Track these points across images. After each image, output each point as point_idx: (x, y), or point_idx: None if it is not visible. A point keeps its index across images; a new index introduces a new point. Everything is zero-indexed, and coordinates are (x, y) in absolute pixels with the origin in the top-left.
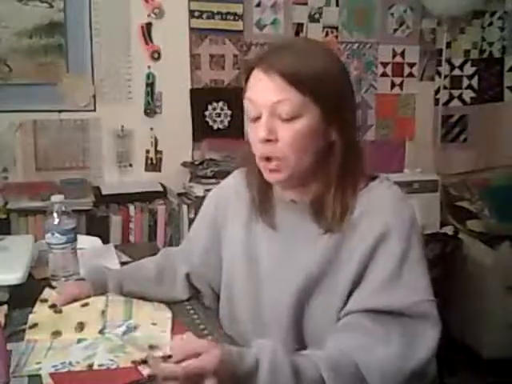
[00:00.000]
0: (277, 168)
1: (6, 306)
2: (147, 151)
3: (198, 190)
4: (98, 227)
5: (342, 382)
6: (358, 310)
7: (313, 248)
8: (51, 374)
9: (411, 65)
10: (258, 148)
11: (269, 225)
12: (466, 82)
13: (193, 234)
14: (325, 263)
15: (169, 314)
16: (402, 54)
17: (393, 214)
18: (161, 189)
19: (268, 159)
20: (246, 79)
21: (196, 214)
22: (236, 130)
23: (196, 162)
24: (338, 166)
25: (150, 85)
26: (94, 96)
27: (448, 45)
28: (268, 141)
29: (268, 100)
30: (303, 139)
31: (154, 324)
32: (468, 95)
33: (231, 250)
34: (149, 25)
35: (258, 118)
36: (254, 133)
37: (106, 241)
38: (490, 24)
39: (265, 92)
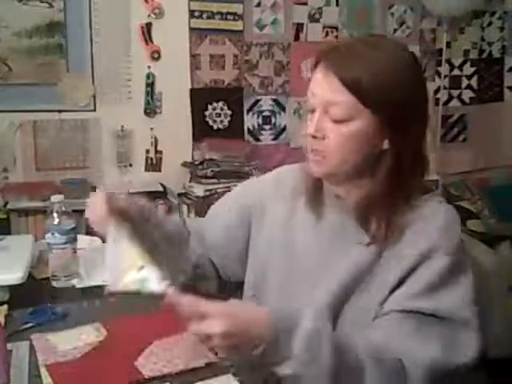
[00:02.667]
0: (320, 161)
1: (6, 306)
2: (147, 151)
3: (198, 190)
4: None
5: (383, 371)
6: (398, 310)
7: (350, 255)
8: (47, 366)
9: None
10: (306, 139)
11: (315, 216)
12: (465, 82)
13: (216, 213)
14: (361, 272)
15: None
16: None
17: (444, 231)
18: (161, 189)
19: (313, 151)
20: (315, 67)
21: (196, 213)
22: (236, 130)
23: (196, 162)
24: (387, 176)
25: (150, 85)
26: (94, 96)
27: (448, 45)
28: (314, 137)
29: (322, 98)
30: (350, 142)
31: None
32: (467, 95)
33: (269, 236)
34: (149, 25)
35: (313, 111)
36: (307, 125)
37: (106, 241)
38: (490, 24)
39: (321, 89)
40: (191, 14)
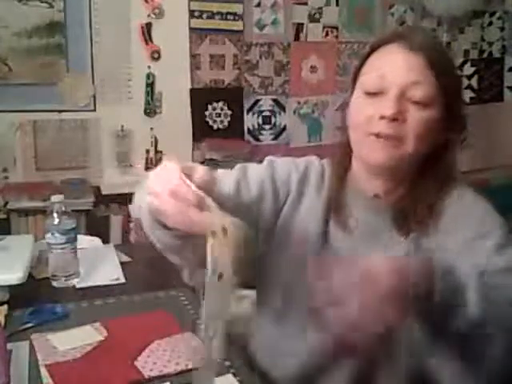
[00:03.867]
0: (391, 147)
1: (6, 306)
2: (147, 151)
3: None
4: (97, 227)
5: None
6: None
7: (389, 251)
8: (47, 366)
9: None
10: (373, 124)
11: (341, 225)
12: (465, 82)
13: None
14: None
15: None
16: None
17: (490, 216)
18: None
19: (388, 137)
20: (372, 51)
21: None
22: (236, 129)
23: (196, 162)
24: (441, 170)
25: (150, 85)
26: (94, 96)
27: (448, 45)
28: (393, 120)
29: (404, 78)
30: (427, 128)
31: None
32: (467, 95)
33: (304, 226)
34: (149, 25)
35: (377, 94)
36: (374, 108)
37: (106, 241)
38: (490, 24)
39: (402, 69)
40: (191, 14)
